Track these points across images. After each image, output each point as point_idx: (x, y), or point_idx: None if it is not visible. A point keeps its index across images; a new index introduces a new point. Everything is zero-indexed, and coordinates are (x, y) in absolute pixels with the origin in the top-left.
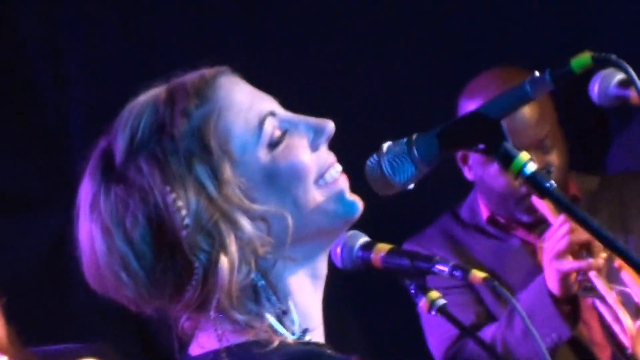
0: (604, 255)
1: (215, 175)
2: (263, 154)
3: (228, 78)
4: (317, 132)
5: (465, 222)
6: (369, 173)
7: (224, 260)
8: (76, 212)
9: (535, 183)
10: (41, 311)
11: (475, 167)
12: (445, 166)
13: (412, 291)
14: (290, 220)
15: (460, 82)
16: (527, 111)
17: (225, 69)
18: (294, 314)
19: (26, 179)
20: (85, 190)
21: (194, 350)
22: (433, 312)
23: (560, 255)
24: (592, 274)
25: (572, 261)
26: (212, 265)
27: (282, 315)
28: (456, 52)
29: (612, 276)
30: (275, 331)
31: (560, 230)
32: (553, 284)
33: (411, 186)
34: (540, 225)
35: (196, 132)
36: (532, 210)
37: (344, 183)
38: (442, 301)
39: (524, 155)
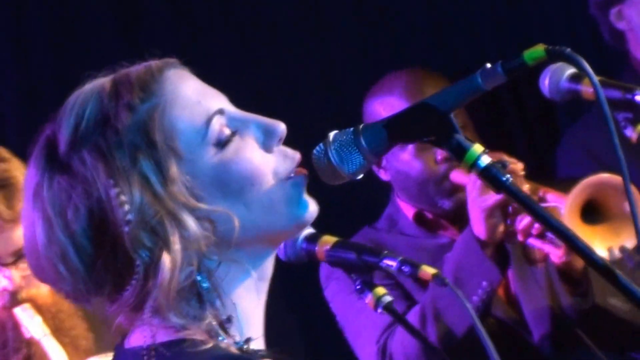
0: (527, 185)
1: (161, 171)
2: (211, 153)
3: (176, 71)
4: (269, 133)
5: (386, 230)
6: (315, 162)
7: (166, 258)
8: (22, 200)
9: (490, 176)
10: None
11: (390, 161)
12: None
13: (358, 287)
14: (237, 222)
15: None
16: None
17: (173, 62)
18: (237, 320)
19: None
20: (30, 177)
21: (128, 343)
22: (379, 310)
23: (483, 190)
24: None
25: (494, 194)
26: (153, 263)
27: (226, 322)
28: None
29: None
30: (213, 335)
31: None
32: (479, 227)
33: (360, 176)
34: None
35: (141, 127)
36: (453, 191)
37: (302, 184)
38: (388, 298)
39: (478, 147)
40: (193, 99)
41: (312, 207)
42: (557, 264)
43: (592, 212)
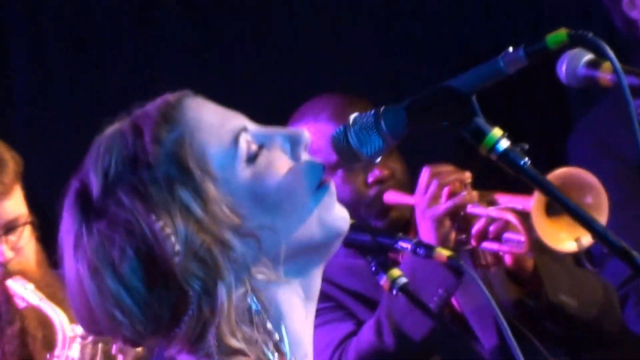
0: (475, 192)
1: (200, 196)
2: (243, 170)
3: (193, 99)
4: (294, 142)
5: None
6: (335, 144)
7: (220, 286)
8: (59, 256)
9: (508, 160)
10: None
11: None
12: None
13: (373, 269)
14: (281, 235)
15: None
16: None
17: (187, 92)
18: (286, 342)
19: None
20: (66, 232)
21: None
22: (394, 291)
23: (432, 200)
24: (470, 207)
25: (445, 202)
26: (207, 291)
27: (277, 343)
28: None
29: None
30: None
31: (424, 178)
32: (430, 237)
33: (378, 159)
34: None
35: (172, 157)
36: (383, 213)
37: (333, 192)
38: (403, 280)
39: (497, 131)
40: (216, 122)
41: (345, 217)
42: (509, 265)
43: (554, 207)
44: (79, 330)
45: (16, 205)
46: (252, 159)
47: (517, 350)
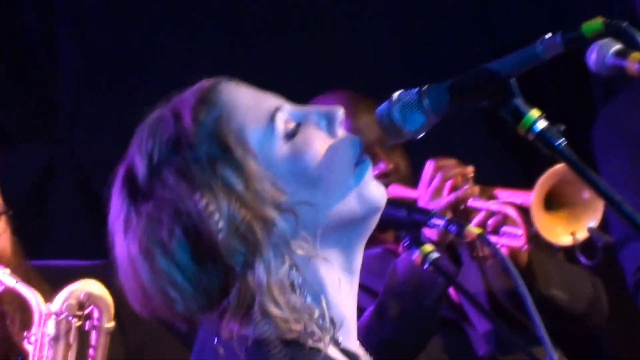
0: (476, 187)
1: (241, 173)
2: (282, 147)
3: (227, 84)
4: (330, 119)
5: None
6: (379, 120)
7: (259, 260)
8: (110, 241)
9: (545, 141)
10: (24, 247)
11: None
12: None
13: (406, 243)
14: (320, 210)
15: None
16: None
17: (222, 78)
18: (326, 316)
19: (13, 113)
20: (115, 216)
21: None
22: (425, 266)
23: (435, 193)
24: (471, 200)
25: (447, 195)
26: (249, 267)
27: (317, 318)
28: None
29: None
30: (311, 332)
31: (428, 171)
32: (431, 230)
33: (421, 135)
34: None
35: (213, 136)
36: None
37: (369, 168)
38: (435, 254)
39: (535, 112)
40: (252, 103)
41: (383, 192)
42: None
43: (551, 201)
44: (54, 307)
45: None
46: (290, 136)
47: (542, 329)
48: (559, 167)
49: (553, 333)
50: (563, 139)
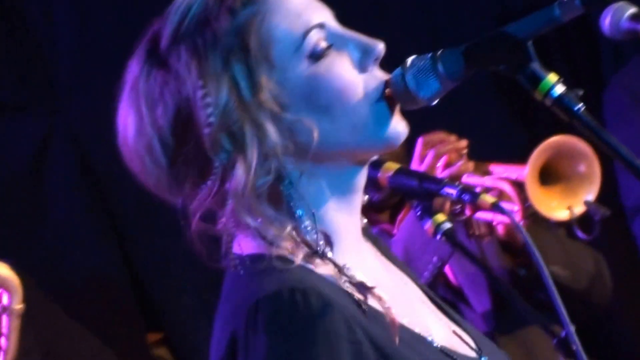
0: (470, 163)
1: (251, 76)
2: (304, 65)
3: None
4: (366, 51)
5: None
6: (392, 86)
7: (240, 163)
8: (121, 90)
9: (563, 106)
10: (21, 218)
11: None
12: None
13: (418, 213)
14: (316, 134)
15: None
16: None
17: None
18: (317, 228)
19: (10, 84)
20: (131, 70)
21: (235, 246)
22: (438, 236)
23: (429, 170)
24: (465, 177)
25: (441, 172)
26: (230, 166)
27: (305, 228)
28: None
29: None
30: (297, 243)
31: (419, 148)
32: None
33: (435, 102)
34: (387, 207)
35: (239, 31)
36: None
37: (392, 104)
38: (448, 225)
39: (553, 77)
40: (296, 10)
41: (402, 128)
42: (501, 236)
43: (547, 175)
44: None
45: None
46: (316, 56)
47: (563, 310)
48: (553, 140)
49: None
50: (581, 103)
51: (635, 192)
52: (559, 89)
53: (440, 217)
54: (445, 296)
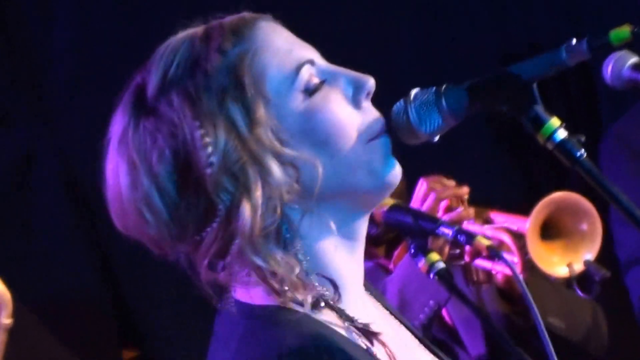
0: (471, 209)
1: (248, 113)
2: (299, 100)
3: (268, 23)
4: (358, 87)
5: None
6: (394, 119)
7: (246, 204)
8: (105, 147)
9: (565, 151)
10: (3, 232)
11: None
12: None
13: (412, 251)
14: (321, 170)
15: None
16: None
17: (267, 16)
18: (323, 274)
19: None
20: (116, 124)
21: (240, 294)
22: (432, 275)
23: (430, 212)
24: (465, 224)
25: (441, 217)
26: (235, 207)
27: (301, 272)
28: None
29: None
30: (305, 289)
31: (420, 190)
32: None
33: (436, 138)
34: (384, 241)
35: (231, 70)
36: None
37: (388, 145)
38: (441, 264)
39: (555, 121)
40: (285, 47)
41: (397, 170)
42: (500, 283)
43: (548, 230)
44: None
45: None
46: (310, 91)
47: (553, 354)
48: (556, 195)
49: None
50: (583, 150)
51: (628, 246)
52: (562, 134)
53: (434, 256)
54: (440, 337)
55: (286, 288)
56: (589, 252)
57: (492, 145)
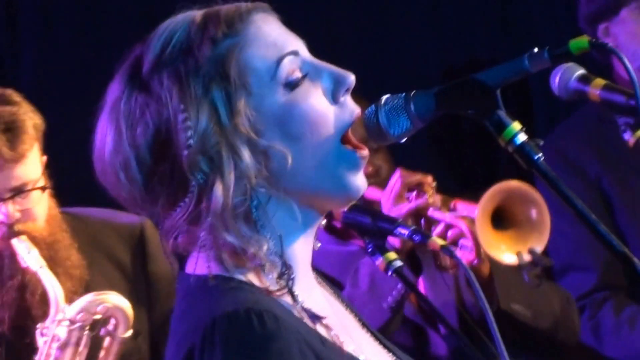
0: (438, 197)
1: (230, 103)
2: (279, 93)
3: (263, 15)
4: (338, 82)
5: None
6: (365, 121)
7: (219, 184)
8: (100, 108)
9: (523, 153)
10: None
11: None
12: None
13: (370, 250)
14: (290, 161)
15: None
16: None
17: (263, 6)
18: (281, 253)
19: None
20: (112, 90)
21: (189, 268)
22: (389, 273)
23: (396, 199)
24: (430, 210)
25: (408, 203)
26: (207, 186)
27: (270, 253)
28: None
29: None
30: (262, 266)
31: (393, 179)
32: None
33: (404, 140)
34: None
35: (219, 60)
36: (365, 206)
37: (360, 160)
38: (399, 263)
39: (516, 125)
40: (271, 40)
41: (362, 181)
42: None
43: (500, 219)
44: (69, 313)
45: (27, 170)
46: (291, 85)
47: (501, 345)
48: (506, 184)
49: (520, 346)
50: (541, 153)
51: (562, 253)
52: (522, 137)
53: (391, 255)
54: (415, 320)
55: (251, 263)
56: (539, 243)
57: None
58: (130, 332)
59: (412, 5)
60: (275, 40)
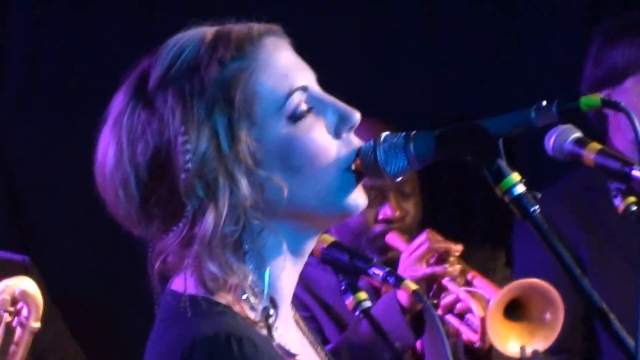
0: (458, 267)
1: (231, 130)
2: (282, 125)
3: (274, 40)
4: (343, 118)
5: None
6: (362, 156)
7: (211, 211)
8: (104, 120)
9: (520, 205)
10: None
11: None
12: None
13: (343, 287)
14: (286, 194)
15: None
16: None
17: (276, 29)
18: (266, 284)
19: None
20: (117, 102)
21: (175, 286)
22: (357, 312)
23: (417, 260)
24: (445, 280)
25: (425, 268)
26: (202, 212)
27: (254, 283)
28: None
29: None
30: (239, 295)
31: (419, 238)
32: (403, 294)
33: (399, 179)
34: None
35: (225, 84)
36: (384, 250)
37: (357, 179)
38: (368, 303)
39: (516, 176)
40: (282, 70)
41: (362, 200)
42: (466, 340)
43: (513, 308)
44: None
45: None
46: (296, 118)
47: None
48: (528, 281)
49: None
50: (537, 206)
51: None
52: (520, 189)
53: (362, 295)
54: None
55: (230, 292)
56: (545, 340)
57: None
58: (39, 324)
59: (409, 43)
60: (286, 70)
